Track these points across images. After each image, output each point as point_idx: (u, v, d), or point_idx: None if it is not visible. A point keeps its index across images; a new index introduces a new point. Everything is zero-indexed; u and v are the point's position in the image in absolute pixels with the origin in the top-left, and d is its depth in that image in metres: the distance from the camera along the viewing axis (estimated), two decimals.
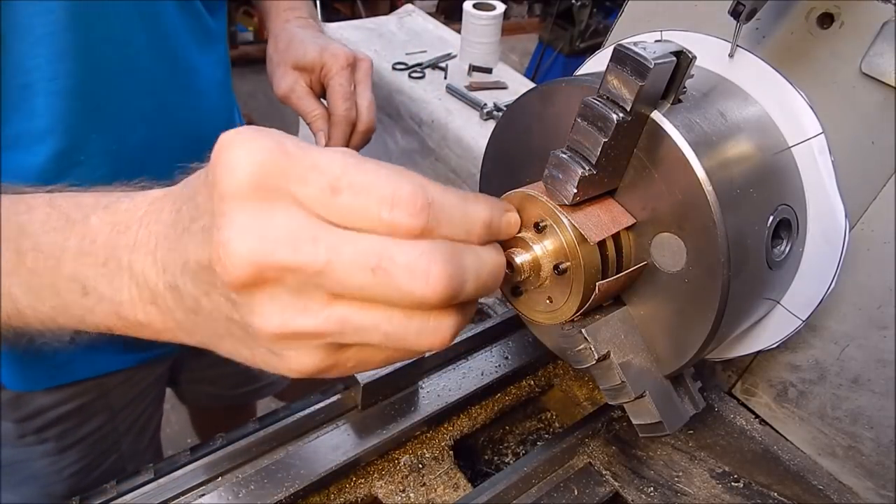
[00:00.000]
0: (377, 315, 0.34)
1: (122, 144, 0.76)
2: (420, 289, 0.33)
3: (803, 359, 0.64)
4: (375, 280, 0.33)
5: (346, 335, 0.35)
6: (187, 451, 0.61)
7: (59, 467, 0.96)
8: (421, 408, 0.67)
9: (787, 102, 0.50)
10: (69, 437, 0.95)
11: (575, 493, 0.62)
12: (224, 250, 0.32)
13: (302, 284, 0.33)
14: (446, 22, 1.84)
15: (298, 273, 0.32)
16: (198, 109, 0.86)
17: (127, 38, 0.71)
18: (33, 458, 0.94)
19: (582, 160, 0.43)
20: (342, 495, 0.62)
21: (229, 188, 0.32)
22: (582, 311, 0.48)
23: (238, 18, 4.06)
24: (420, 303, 0.34)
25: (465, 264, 0.35)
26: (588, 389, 0.77)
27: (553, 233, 0.47)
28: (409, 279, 0.33)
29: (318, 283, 0.33)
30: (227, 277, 0.32)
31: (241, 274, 0.32)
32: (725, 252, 0.43)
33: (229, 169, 0.32)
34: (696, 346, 0.48)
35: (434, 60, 1.60)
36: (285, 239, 0.32)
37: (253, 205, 0.32)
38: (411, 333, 0.35)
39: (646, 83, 0.40)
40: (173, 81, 0.80)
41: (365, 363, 0.38)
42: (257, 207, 0.32)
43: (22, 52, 0.63)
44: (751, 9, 0.48)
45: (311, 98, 0.91)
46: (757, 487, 0.64)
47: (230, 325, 0.36)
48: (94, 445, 0.99)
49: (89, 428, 0.97)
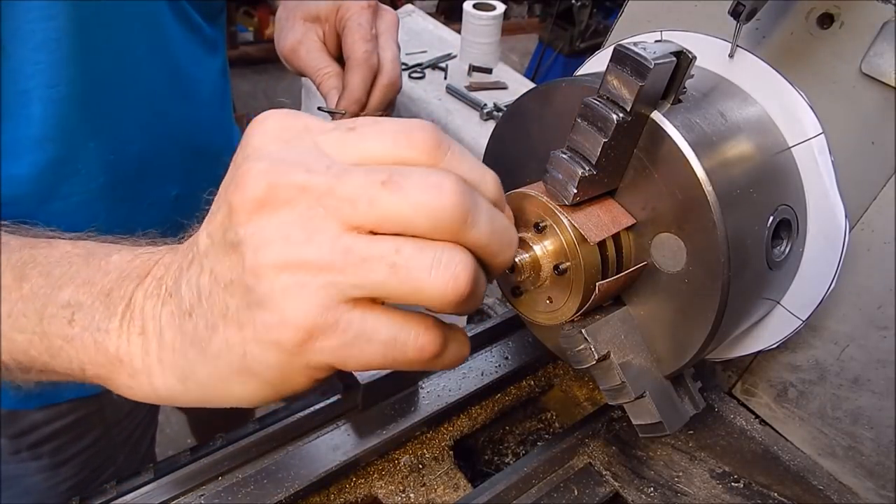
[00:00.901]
0: (385, 244, 0.32)
1: (120, 154, 0.76)
2: (434, 199, 0.31)
3: (803, 359, 0.64)
4: (386, 192, 0.31)
5: (351, 270, 0.32)
6: (187, 451, 0.61)
7: (55, 482, 0.96)
8: (421, 408, 0.67)
9: (788, 103, 0.50)
10: (64, 453, 0.94)
11: (575, 494, 0.62)
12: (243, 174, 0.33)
13: (312, 211, 0.32)
14: (446, 22, 1.84)
15: (310, 194, 0.32)
16: (197, 119, 0.85)
17: (127, 47, 0.71)
18: (28, 474, 0.93)
19: (582, 160, 0.43)
20: (342, 495, 0.62)
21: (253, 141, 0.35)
22: (582, 312, 0.48)
23: (238, 18, 4.06)
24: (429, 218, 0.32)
25: (479, 200, 0.34)
26: (588, 389, 0.77)
27: (553, 233, 0.47)
28: (421, 190, 0.31)
29: (330, 210, 0.32)
30: (240, 198, 0.33)
31: (255, 190, 0.32)
32: (725, 252, 0.43)
33: (254, 130, 0.35)
34: (696, 347, 0.48)
35: (434, 60, 1.60)
36: (300, 163, 0.33)
37: (275, 145, 0.34)
38: (422, 266, 0.32)
39: (646, 83, 0.40)
40: (173, 91, 0.79)
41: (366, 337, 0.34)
42: (278, 146, 0.34)
43: (22, 58, 0.63)
44: (751, 9, 0.48)
45: (322, 52, 0.78)
46: (757, 487, 0.64)
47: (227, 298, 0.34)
48: (89, 460, 0.98)
49: (84, 443, 0.96)
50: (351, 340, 0.34)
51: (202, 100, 0.85)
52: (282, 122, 0.35)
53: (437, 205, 0.32)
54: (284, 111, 0.36)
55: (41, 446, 0.91)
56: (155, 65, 0.75)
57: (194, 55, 0.81)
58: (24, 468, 0.92)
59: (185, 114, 0.83)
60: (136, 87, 0.74)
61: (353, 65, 0.74)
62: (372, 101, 0.77)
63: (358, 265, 0.32)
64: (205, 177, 0.53)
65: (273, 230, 0.32)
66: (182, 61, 0.79)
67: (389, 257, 0.32)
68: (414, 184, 0.32)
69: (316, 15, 0.78)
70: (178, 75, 0.79)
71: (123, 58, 0.71)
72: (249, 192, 0.32)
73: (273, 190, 0.32)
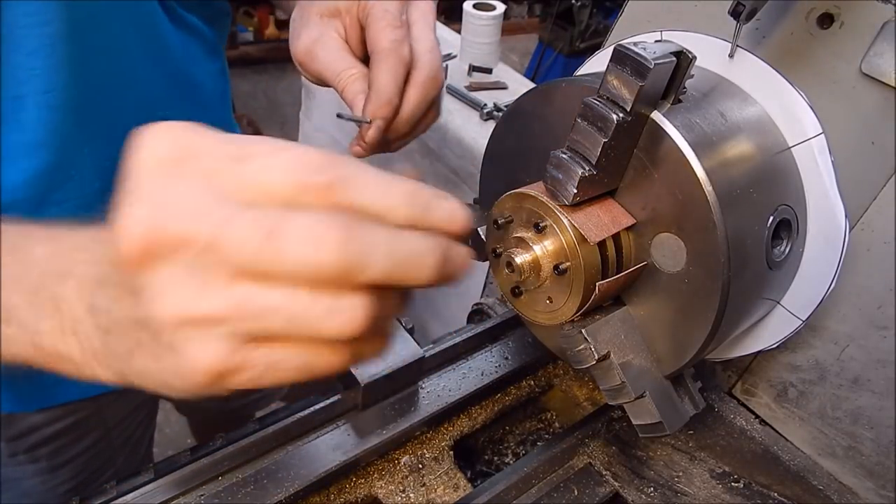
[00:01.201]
0: (279, 295, 0.32)
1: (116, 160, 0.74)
2: (312, 254, 0.31)
3: (803, 359, 0.64)
4: (269, 245, 0.31)
5: (248, 320, 0.32)
6: (187, 451, 0.61)
7: (53, 484, 0.95)
8: (421, 408, 0.67)
9: (788, 103, 0.50)
10: (62, 455, 0.94)
11: (575, 493, 0.62)
12: (123, 221, 0.32)
13: (200, 262, 0.31)
14: (446, 22, 1.84)
15: (194, 246, 0.31)
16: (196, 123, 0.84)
17: (123, 51, 0.70)
18: (26, 477, 0.93)
19: (582, 160, 0.43)
20: (342, 495, 0.62)
21: (138, 167, 0.33)
22: (582, 312, 0.48)
23: (238, 18, 4.06)
24: (314, 272, 0.31)
25: (373, 239, 0.33)
26: (588, 389, 0.77)
27: (553, 233, 0.47)
28: (302, 244, 0.31)
29: (217, 261, 0.31)
30: (124, 250, 0.31)
31: (135, 243, 0.31)
32: (725, 252, 0.43)
33: (140, 151, 0.33)
34: (697, 346, 0.48)
35: None
36: (181, 210, 0.31)
37: (158, 179, 0.32)
38: (316, 314, 0.32)
39: (646, 83, 0.40)
40: (170, 95, 0.78)
41: (276, 367, 0.35)
42: (162, 181, 0.32)
43: (16, 63, 0.62)
44: (751, 9, 0.48)
45: (344, 51, 0.66)
46: (757, 487, 0.64)
47: (138, 332, 0.35)
48: (88, 463, 0.98)
49: (83, 445, 0.95)
50: (261, 373, 0.35)
51: (202, 103, 0.83)
52: (168, 146, 0.33)
53: (319, 260, 0.31)
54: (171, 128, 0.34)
55: (39, 449, 0.91)
56: (152, 69, 0.74)
57: (194, 58, 0.80)
58: (22, 471, 0.92)
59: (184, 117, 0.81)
60: (132, 91, 0.73)
61: (380, 58, 0.62)
62: (407, 103, 0.64)
63: (255, 316, 0.32)
64: None
65: (164, 283, 0.32)
66: (180, 64, 0.78)
67: (284, 308, 0.32)
68: (297, 238, 0.31)
69: (335, 8, 0.67)
70: (176, 79, 0.78)
71: (119, 62, 0.70)
72: (133, 242, 0.31)
73: (156, 242, 0.31)
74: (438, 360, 0.73)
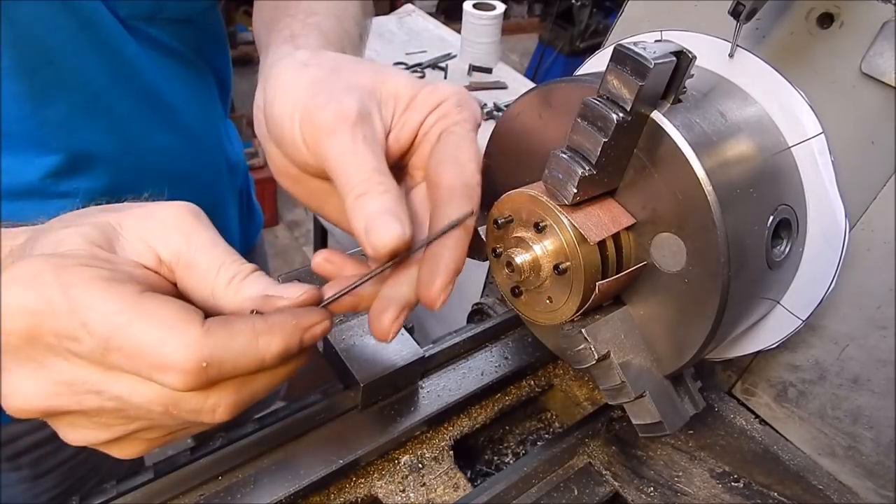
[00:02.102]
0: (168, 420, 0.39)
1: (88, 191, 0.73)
2: (209, 420, 0.38)
3: (803, 359, 0.64)
4: (168, 416, 0.38)
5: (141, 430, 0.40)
6: (187, 451, 0.61)
7: (36, 493, 0.95)
8: (421, 408, 0.67)
9: (787, 102, 0.50)
10: (45, 464, 0.93)
11: (575, 493, 0.62)
12: (6, 402, 0.36)
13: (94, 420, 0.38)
14: (446, 22, 1.84)
15: (89, 413, 0.37)
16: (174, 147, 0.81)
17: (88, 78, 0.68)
18: (9, 485, 0.92)
19: (582, 160, 0.43)
20: (342, 495, 0.62)
21: (4, 345, 0.35)
22: (582, 311, 0.48)
23: (238, 18, 4.06)
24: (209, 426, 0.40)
25: (256, 387, 0.40)
26: (588, 389, 0.77)
27: (553, 233, 0.47)
28: (198, 417, 0.38)
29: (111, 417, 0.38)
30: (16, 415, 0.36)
31: (27, 415, 0.36)
32: (725, 252, 0.43)
33: (5, 321, 0.35)
34: (696, 346, 0.48)
35: (434, 60, 1.60)
36: (67, 389, 0.36)
37: (29, 361, 0.36)
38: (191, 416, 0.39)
39: (646, 83, 0.40)
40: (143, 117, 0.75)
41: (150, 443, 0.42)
42: (34, 362, 0.36)
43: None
44: (751, 9, 0.48)
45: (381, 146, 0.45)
46: (757, 487, 0.64)
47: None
48: (71, 471, 0.97)
49: (66, 454, 0.95)
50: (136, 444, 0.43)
51: (176, 123, 0.80)
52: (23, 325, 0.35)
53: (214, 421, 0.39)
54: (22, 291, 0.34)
55: (21, 458, 0.90)
56: (120, 92, 0.71)
57: (167, 78, 0.77)
58: (6, 478, 0.91)
59: (160, 143, 0.79)
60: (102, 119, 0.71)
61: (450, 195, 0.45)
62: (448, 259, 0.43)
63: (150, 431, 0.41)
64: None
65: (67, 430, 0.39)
66: (152, 86, 0.75)
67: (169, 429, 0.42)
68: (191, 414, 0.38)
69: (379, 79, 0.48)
70: (147, 100, 0.75)
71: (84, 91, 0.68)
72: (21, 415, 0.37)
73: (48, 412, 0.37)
74: (438, 359, 0.73)
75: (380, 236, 0.40)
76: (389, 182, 0.42)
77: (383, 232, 0.40)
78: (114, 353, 0.34)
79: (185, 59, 0.80)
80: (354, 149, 0.42)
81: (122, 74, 0.71)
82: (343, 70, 0.47)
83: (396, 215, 0.40)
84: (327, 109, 0.43)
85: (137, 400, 0.36)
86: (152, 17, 0.72)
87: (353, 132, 0.42)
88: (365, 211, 0.41)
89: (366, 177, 0.42)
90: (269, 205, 3.30)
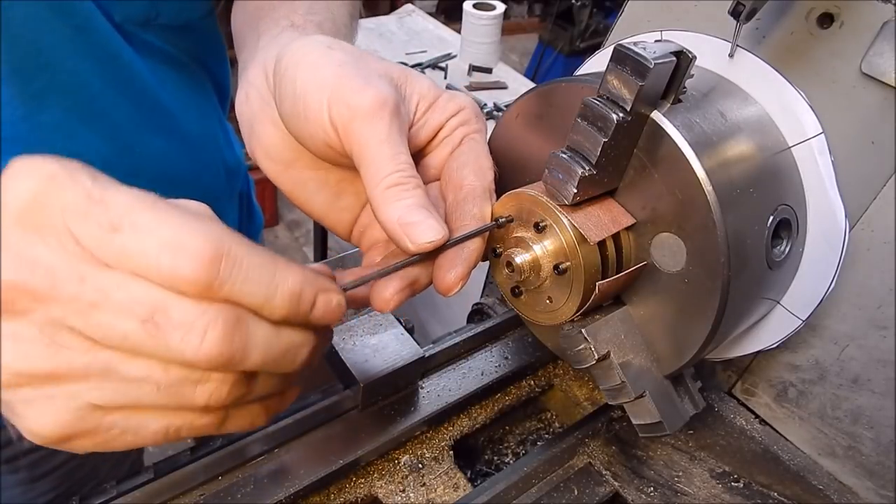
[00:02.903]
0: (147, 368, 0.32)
1: None
2: (191, 350, 0.31)
3: (803, 359, 0.64)
4: (144, 333, 0.30)
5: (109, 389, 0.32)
6: (187, 451, 0.61)
7: (34, 495, 0.94)
8: (421, 408, 0.67)
9: (787, 102, 0.50)
10: (42, 467, 0.93)
11: (575, 493, 0.62)
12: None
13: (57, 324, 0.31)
14: (446, 22, 1.84)
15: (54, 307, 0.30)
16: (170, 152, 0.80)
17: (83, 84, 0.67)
18: (7, 487, 0.92)
19: (582, 160, 0.43)
20: (342, 495, 0.62)
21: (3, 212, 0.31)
22: (582, 311, 0.48)
23: None
24: (191, 365, 0.32)
25: (253, 337, 0.33)
26: (588, 389, 0.77)
27: (553, 233, 0.47)
28: (181, 338, 0.31)
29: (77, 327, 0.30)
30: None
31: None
32: (725, 252, 0.43)
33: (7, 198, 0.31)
34: (696, 346, 0.48)
35: (434, 60, 1.60)
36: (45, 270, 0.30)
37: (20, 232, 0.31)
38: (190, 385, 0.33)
39: (646, 83, 0.40)
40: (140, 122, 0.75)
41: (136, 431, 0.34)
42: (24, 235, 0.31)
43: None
44: (751, 9, 0.48)
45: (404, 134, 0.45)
46: (757, 487, 0.64)
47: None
48: (69, 474, 0.97)
49: (62, 457, 0.94)
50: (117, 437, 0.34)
51: (173, 129, 0.79)
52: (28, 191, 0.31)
53: (196, 356, 0.31)
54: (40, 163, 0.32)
55: (18, 460, 0.90)
56: (117, 98, 0.71)
57: (164, 83, 0.76)
58: (3, 481, 0.91)
59: (156, 148, 0.78)
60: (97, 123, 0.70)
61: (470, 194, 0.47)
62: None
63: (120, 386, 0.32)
64: None
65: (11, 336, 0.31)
66: (149, 91, 0.75)
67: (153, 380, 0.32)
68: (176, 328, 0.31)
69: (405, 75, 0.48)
70: (144, 106, 0.74)
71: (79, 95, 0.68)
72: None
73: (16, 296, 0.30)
74: (438, 359, 0.73)
75: (422, 234, 0.41)
76: (419, 177, 0.43)
77: (425, 230, 0.41)
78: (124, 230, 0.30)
79: (182, 65, 0.80)
80: (390, 137, 0.42)
81: (118, 79, 0.70)
82: (369, 59, 0.47)
83: (433, 214, 0.42)
84: (365, 94, 0.42)
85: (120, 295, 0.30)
86: (147, 22, 0.72)
87: (390, 120, 0.43)
88: (400, 203, 0.41)
89: (398, 168, 0.42)
90: (270, 205, 3.31)
